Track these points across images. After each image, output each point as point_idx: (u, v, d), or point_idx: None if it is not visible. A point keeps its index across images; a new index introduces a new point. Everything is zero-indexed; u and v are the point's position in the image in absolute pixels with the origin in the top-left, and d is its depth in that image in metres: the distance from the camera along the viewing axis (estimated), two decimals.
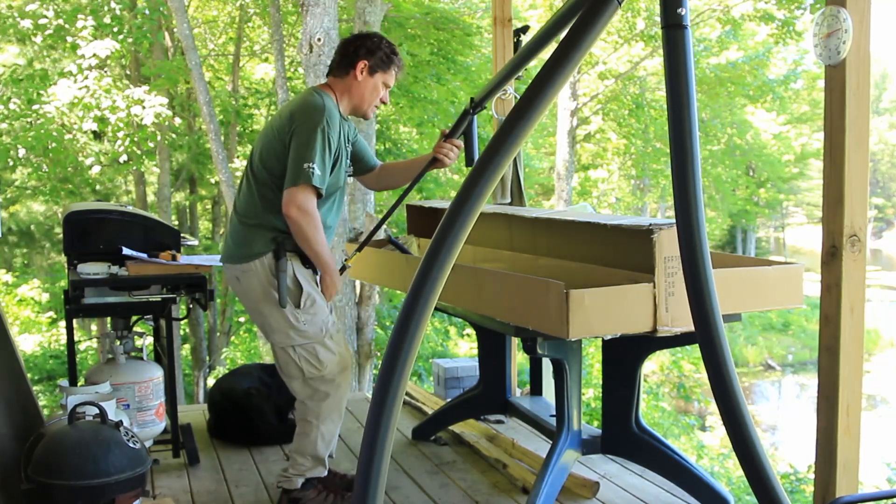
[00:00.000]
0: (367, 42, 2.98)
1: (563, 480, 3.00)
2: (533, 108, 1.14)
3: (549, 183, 18.93)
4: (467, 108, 3.07)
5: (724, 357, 1.19)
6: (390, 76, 3.01)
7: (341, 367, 3.01)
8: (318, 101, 2.86)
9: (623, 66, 16.90)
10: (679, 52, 1.19)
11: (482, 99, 2.96)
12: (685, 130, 1.20)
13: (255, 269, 2.93)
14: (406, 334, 1.09)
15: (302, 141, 2.79)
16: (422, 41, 11.19)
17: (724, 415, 1.20)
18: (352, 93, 2.98)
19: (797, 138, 28.08)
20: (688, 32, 1.20)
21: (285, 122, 2.88)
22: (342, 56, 2.99)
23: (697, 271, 1.19)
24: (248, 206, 2.97)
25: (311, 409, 2.99)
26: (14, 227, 13.76)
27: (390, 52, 2.99)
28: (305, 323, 2.93)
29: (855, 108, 2.37)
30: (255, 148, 3.02)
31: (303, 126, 2.81)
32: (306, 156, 2.77)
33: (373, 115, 3.08)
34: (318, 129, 2.79)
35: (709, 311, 1.18)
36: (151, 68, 10.53)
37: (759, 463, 1.19)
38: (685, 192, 1.20)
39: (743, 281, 2.68)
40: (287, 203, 2.79)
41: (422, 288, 1.10)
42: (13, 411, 3.17)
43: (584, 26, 1.14)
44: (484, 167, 1.13)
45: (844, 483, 2.44)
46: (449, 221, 1.12)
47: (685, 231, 1.19)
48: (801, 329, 23.40)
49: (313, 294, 2.96)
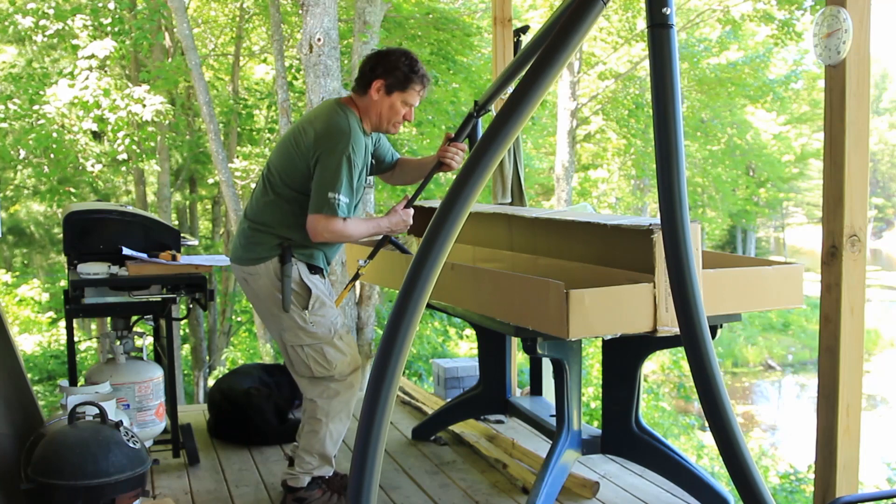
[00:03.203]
0: (385, 61, 2.91)
1: (563, 480, 3.00)
2: (520, 108, 1.15)
3: (549, 183, 18.92)
4: (471, 111, 3.07)
5: (708, 360, 1.19)
6: (411, 94, 2.93)
7: (352, 368, 3.04)
8: (343, 124, 2.83)
9: (623, 66, 16.90)
10: (664, 52, 1.20)
11: (486, 102, 2.96)
12: (670, 129, 1.20)
13: (261, 273, 2.96)
14: (398, 331, 1.10)
15: (327, 169, 2.79)
16: (422, 41, 11.19)
17: (710, 417, 1.21)
18: (371, 111, 2.95)
19: (797, 138, 28.08)
20: (673, 32, 1.21)
21: (311, 143, 2.86)
22: (361, 74, 2.97)
23: (681, 268, 1.19)
24: (261, 213, 2.98)
25: (321, 407, 3.01)
26: (20, 228, 13.77)
27: (409, 70, 2.90)
28: (314, 324, 2.96)
29: (855, 108, 2.37)
30: (275, 158, 3.01)
31: (329, 154, 2.80)
32: (332, 185, 2.78)
33: (397, 131, 3.06)
34: (344, 158, 2.79)
35: (694, 314, 1.19)
36: (151, 69, 10.51)
37: (744, 464, 1.20)
38: (670, 190, 1.20)
39: (743, 281, 2.68)
40: (314, 233, 2.83)
41: (413, 284, 1.11)
42: (13, 411, 3.17)
43: (570, 26, 1.15)
44: (473, 167, 1.14)
45: (844, 483, 2.44)
46: (439, 219, 1.13)
47: (670, 230, 1.20)
48: (801, 329, 23.39)
49: (322, 297, 2.99)
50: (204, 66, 11.10)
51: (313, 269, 3.00)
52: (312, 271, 3.00)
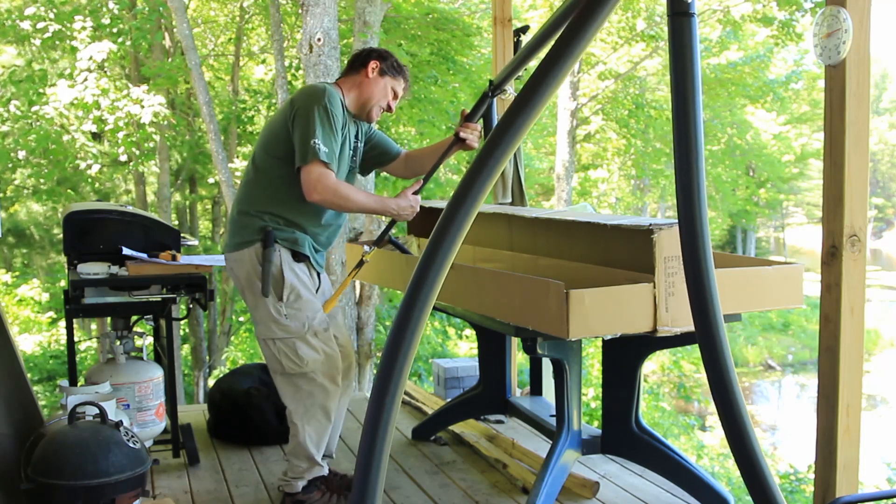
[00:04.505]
0: (379, 50, 3.11)
1: (563, 480, 3.00)
2: (531, 105, 1.10)
3: (549, 183, 18.92)
4: (486, 90, 3.07)
5: (724, 358, 1.17)
6: (398, 84, 3.07)
7: (327, 368, 2.98)
8: (318, 85, 2.94)
9: (623, 66, 16.90)
10: (685, 40, 1.16)
11: (501, 82, 2.96)
12: (690, 121, 1.16)
13: (245, 259, 2.95)
14: (405, 333, 1.08)
15: (303, 120, 2.83)
16: (422, 41, 11.18)
17: (724, 418, 1.19)
18: (361, 88, 3.02)
19: (797, 138, 28.07)
20: (694, 20, 1.16)
21: (287, 107, 2.94)
22: (354, 58, 3.09)
23: (698, 259, 1.16)
24: (245, 195, 3.01)
25: (295, 410, 2.99)
26: (20, 228, 13.77)
27: (399, 63, 3.09)
28: (288, 317, 2.92)
29: (855, 108, 2.37)
30: (257, 141, 3.09)
31: (303, 107, 2.85)
32: (310, 133, 2.80)
33: (376, 119, 3.10)
34: (318, 107, 2.82)
35: (710, 310, 1.16)
36: (151, 69, 10.51)
37: (758, 466, 1.18)
38: (689, 184, 1.17)
39: (743, 281, 2.68)
40: (306, 188, 2.81)
41: (420, 286, 1.08)
42: (13, 411, 3.17)
43: (583, 19, 1.11)
44: (481, 166, 1.11)
45: (844, 483, 2.44)
46: (446, 220, 1.09)
47: (687, 224, 1.16)
48: (801, 329, 23.39)
49: (298, 288, 2.94)
50: (204, 66, 11.10)
51: (298, 256, 2.96)
52: (297, 259, 2.96)
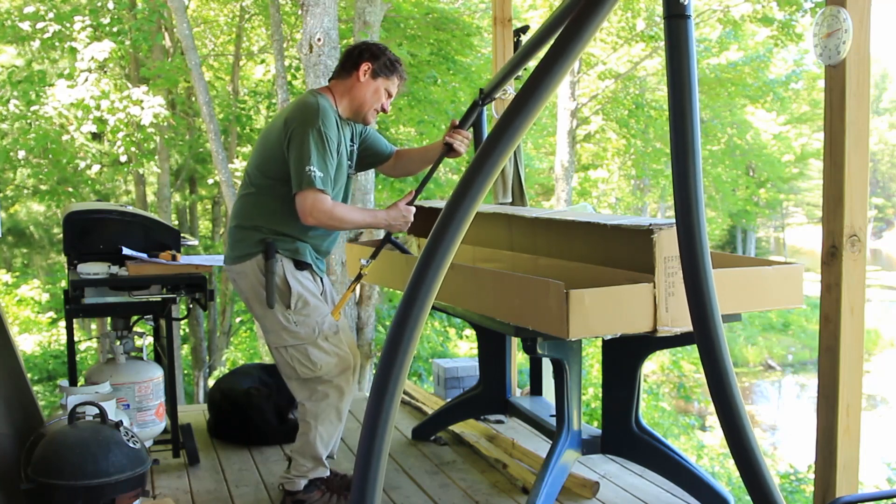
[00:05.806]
0: (372, 47, 3.02)
1: (563, 480, 3.00)
2: (529, 105, 1.10)
3: (549, 183, 18.92)
4: (476, 99, 3.07)
5: (722, 359, 1.17)
6: (392, 84, 3.02)
7: (340, 369, 3.00)
8: (311, 102, 2.88)
9: (623, 66, 16.90)
10: (681, 43, 1.15)
11: (491, 90, 2.97)
12: (687, 123, 1.16)
13: (247, 271, 2.96)
14: (404, 333, 1.08)
15: (298, 144, 2.81)
16: (421, 41, 11.18)
17: (722, 418, 1.19)
18: (353, 94, 2.98)
19: (797, 138, 28.08)
20: (690, 22, 1.16)
21: (281, 127, 2.90)
22: (346, 59, 3.03)
23: (695, 261, 1.16)
24: (242, 209, 3.01)
25: (310, 410, 3.00)
26: (20, 228, 13.77)
27: (394, 59, 3.02)
28: (297, 324, 2.93)
29: (855, 108, 2.37)
30: (252, 155, 3.06)
31: (297, 129, 2.83)
32: (304, 159, 2.78)
33: (372, 122, 3.10)
34: (312, 131, 2.80)
35: (707, 311, 1.16)
36: (151, 69, 10.51)
37: (757, 466, 1.18)
38: (686, 185, 1.17)
39: (743, 281, 2.68)
40: (303, 213, 2.81)
41: (419, 285, 1.08)
42: (13, 411, 3.17)
43: (582, 19, 1.11)
44: (480, 166, 1.11)
45: (844, 483, 2.44)
46: (445, 220, 1.09)
47: (685, 226, 1.16)
48: (801, 329, 23.39)
49: (305, 295, 2.95)
50: (204, 66, 11.10)
51: (300, 265, 2.97)
52: (300, 267, 2.97)
